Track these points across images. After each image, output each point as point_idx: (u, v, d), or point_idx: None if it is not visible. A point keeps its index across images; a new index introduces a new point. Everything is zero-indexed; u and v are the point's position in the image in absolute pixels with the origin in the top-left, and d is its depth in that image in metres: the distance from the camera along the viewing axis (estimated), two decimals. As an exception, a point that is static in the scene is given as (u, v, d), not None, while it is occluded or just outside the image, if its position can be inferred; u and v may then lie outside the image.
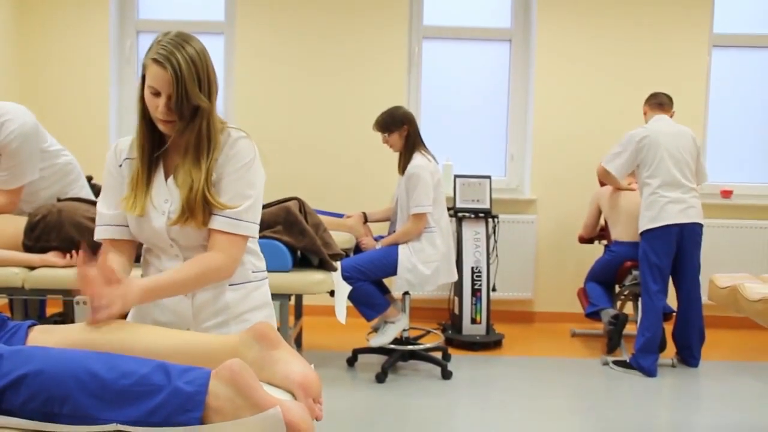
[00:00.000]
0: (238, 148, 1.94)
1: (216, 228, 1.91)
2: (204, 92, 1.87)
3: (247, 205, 1.93)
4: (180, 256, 1.97)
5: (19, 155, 3.22)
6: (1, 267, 3.05)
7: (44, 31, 5.51)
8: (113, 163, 2.02)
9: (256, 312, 2.04)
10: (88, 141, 5.33)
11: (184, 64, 1.83)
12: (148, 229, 1.95)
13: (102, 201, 2.02)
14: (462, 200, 5.01)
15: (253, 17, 5.47)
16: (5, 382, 1.39)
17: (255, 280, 2.06)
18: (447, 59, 5.69)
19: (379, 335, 4.27)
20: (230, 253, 1.92)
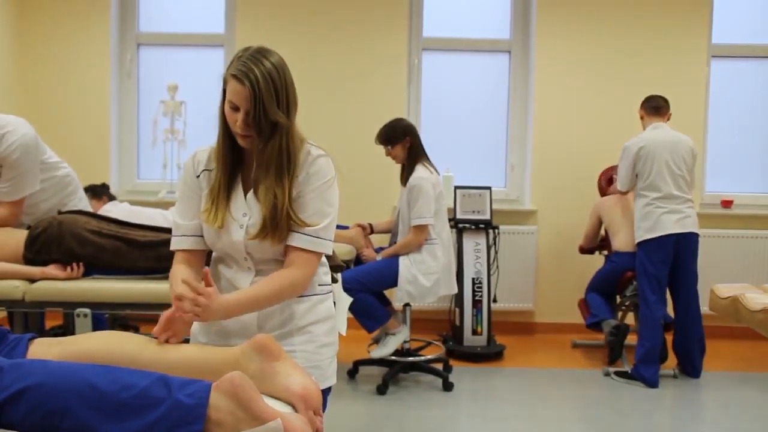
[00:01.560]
0: (318, 166, 1.97)
1: (295, 245, 1.93)
2: (282, 108, 1.91)
3: (326, 223, 1.96)
4: (252, 269, 1.99)
5: (20, 167, 3.23)
6: (2, 279, 3.05)
7: (45, 44, 5.53)
8: (191, 173, 2.03)
9: (320, 324, 2.05)
10: (88, 153, 5.35)
11: (262, 80, 1.87)
12: (226, 241, 1.97)
13: (178, 211, 2.04)
14: (462, 211, 5.01)
15: (253, 30, 5.49)
16: (5, 396, 1.39)
17: (321, 293, 2.07)
18: (447, 71, 5.71)
19: (380, 347, 4.27)
20: (307, 270, 1.94)
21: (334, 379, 2.11)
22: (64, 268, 3.07)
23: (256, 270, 1.99)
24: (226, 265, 2.04)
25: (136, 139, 5.76)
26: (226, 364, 1.63)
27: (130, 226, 3.18)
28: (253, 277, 1.99)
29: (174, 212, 2.07)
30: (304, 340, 2.00)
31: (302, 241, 1.93)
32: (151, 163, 5.71)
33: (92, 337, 1.77)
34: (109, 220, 3.23)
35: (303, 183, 1.96)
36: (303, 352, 2.00)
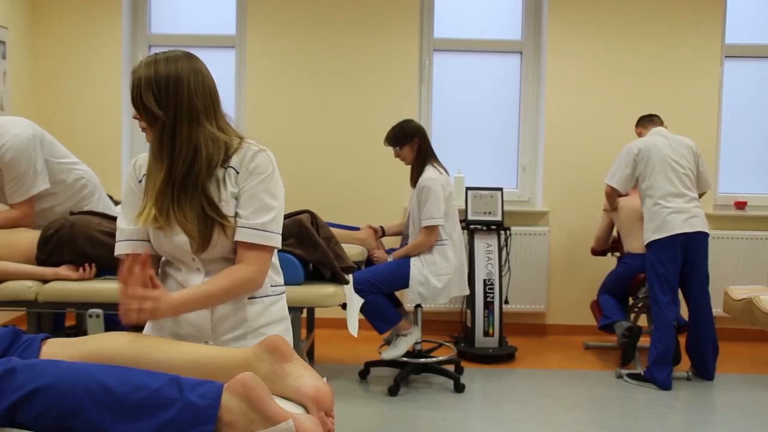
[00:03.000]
0: (258, 161, 1.96)
1: (243, 240, 1.92)
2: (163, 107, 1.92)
3: (272, 216, 1.95)
4: (202, 270, 1.97)
5: (17, 167, 3.23)
6: (15, 280, 3.07)
7: (58, 46, 5.56)
8: (133, 178, 2.03)
9: (274, 326, 2.04)
10: (100, 155, 5.36)
11: (144, 79, 1.92)
12: (168, 243, 1.95)
13: (122, 216, 2.03)
14: (474, 212, 5.00)
15: (264, 31, 5.50)
16: (18, 396, 1.39)
17: (273, 294, 2.06)
18: (458, 71, 5.70)
19: (392, 348, 4.26)
20: (258, 266, 1.93)
21: None
22: (76, 269, 3.08)
23: (205, 270, 1.98)
24: (175, 267, 2.03)
25: (148, 140, 5.77)
26: (237, 365, 1.63)
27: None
28: (203, 278, 1.97)
29: (118, 218, 2.05)
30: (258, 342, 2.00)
31: (250, 236, 1.92)
32: (163, 165, 5.71)
33: (104, 337, 1.78)
34: (121, 221, 3.23)
35: (244, 179, 1.95)
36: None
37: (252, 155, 1.96)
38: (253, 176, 1.95)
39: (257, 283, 1.96)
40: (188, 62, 1.95)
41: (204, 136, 1.93)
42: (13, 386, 1.41)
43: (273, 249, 1.98)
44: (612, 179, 4.56)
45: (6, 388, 1.41)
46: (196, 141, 1.91)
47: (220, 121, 1.98)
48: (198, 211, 1.91)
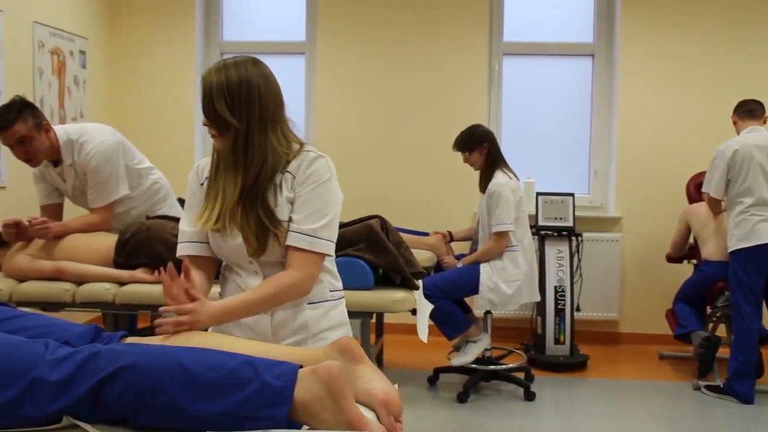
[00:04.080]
0: (315, 167, 1.96)
1: (293, 245, 1.93)
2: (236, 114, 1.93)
3: (324, 223, 1.95)
4: (260, 273, 1.99)
5: (102, 173, 3.35)
6: (94, 282, 3.16)
7: (134, 54, 5.72)
8: (195, 181, 2.07)
9: (334, 331, 2.05)
10: (174, 160, 5.46)
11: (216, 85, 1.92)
12: (227, 247, 1.97)
13: (184, 219, 2.07)
14: (544, 218, 4.92)
15: (334, 37, 5.54)
16: (102, 376, 1.45)
17: (332, 299, 2.07)
18: (528, 75, 5.63)
19: (461, 354, 4.23)
20: (306, 271, 1.93)
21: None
22: (151, 272, 3.16)
23: (264, 273, 1.98)
24: (235, 272, 2.04)
25: (221, 146, 5.87)
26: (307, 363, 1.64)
27: (216, 232, 3.24)
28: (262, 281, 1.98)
29: (181, 220, 2.09)
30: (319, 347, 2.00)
31: (300, 241, 1.93)
32: (235, 170, 5.81)
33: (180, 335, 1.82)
34: (196, 225, 3.29)
35: (300, 184, 1.95)
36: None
37: (310, 161, 1.97)
38: (309, 182, 1.95)
39: (304, 288, 1.96)
40: (257, 68, 1.96)
41: (272, 143, 1.95)
42: (98, 367, 1.46)
43: (323, 255, 1.98)
44: (709, 187, 4.36)
45: (92, 368, 1.46)
46: (265, 147, 1.94)
47: (284, 126, 2.00)
48: (257, 216, 1.92)
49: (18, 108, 3.19)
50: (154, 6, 5.66)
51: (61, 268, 3.17)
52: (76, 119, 5.13)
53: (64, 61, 5.02)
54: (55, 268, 3.17)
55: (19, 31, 4.51)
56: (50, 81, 4.85)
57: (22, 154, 3.27)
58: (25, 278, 3.21)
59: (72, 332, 1.74)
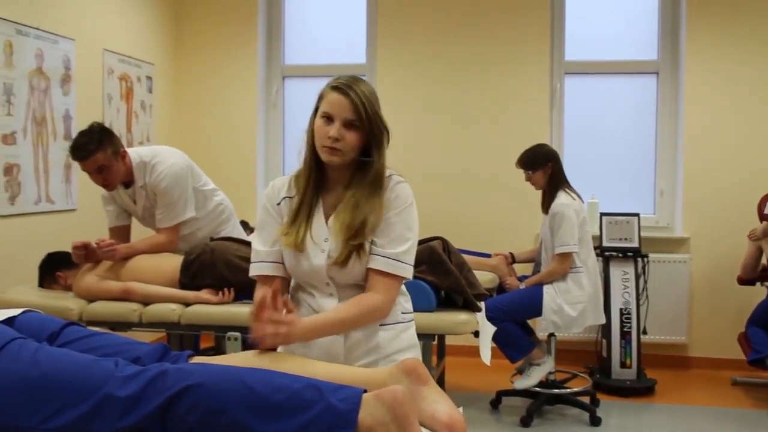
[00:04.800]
0: (399, 192, 1.98)
1: (376, 268, 1.93)
2: (382, 124, 1.96)
3: (407, 248, 1.96)
4: (335, 295, 1.99)
5: (171, 194, 3.43)
6: (160, 303, 3.21)
7: (199, 79, 5.84)
8: (271, 201, 2.07)
9: (405, 353, 2.04)
10: (237, 182, 5.55)
11: (366, 91, 1.94)
12: (307, 267, 1.97)
13: (257, 238, 2.07)
14: (609, 239, 4.83)
15: (394, 58, 5.56)
16: (170, 394, 1.47)
17: (404, 321, 2.07)
18: (590, 94, 5.55)
19: (524, 377, 4.17)
20: (388, 294, 1.94)
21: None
22: (216, 293, 3.20)
23: (339, 296, 1.98)
24: (307, 292, 2.04)
25: (282, 168, 5.95)
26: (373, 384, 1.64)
27: (278, 253, 3.26)
28: (336, 304, 1.98)
29: (254, 240, 2.08)
30: None
31: (384, 264, 1.93)
32: (296, 192, 5.86)
33: (246, 355, 1.84)
34: (258, 246, 3.32)
35: (384, 208, 1.96)
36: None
37: (394, 185, 1.98)
38: (393, 206, 1.96)
39: (385, 312, 1.96)
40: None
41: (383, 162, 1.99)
42: (166, 385, 1.49)
43: (403, 279, 1.98)
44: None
45: (160, 386, 1.49)
46: (382, 166, 1.98)
47: None
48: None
49: (98, 138, 3.27)
50: (218, 32, 5.78)
51: (129, 289, 3.23)
52: (143, 143, 5.27)
53: (131, 87, 5.16)
54: (123, 289, 3.24)
55: (91, 58, 4.66)
56: (118, 106, 5.00)
57: (100, 181, 3.37)
58: (94, 298, 3.28)
59: (141, 350, 1.77)
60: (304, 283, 2.04)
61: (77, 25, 4.50)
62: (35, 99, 4.12)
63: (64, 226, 4.33)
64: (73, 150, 3.30)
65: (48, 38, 4.21)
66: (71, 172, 4.39)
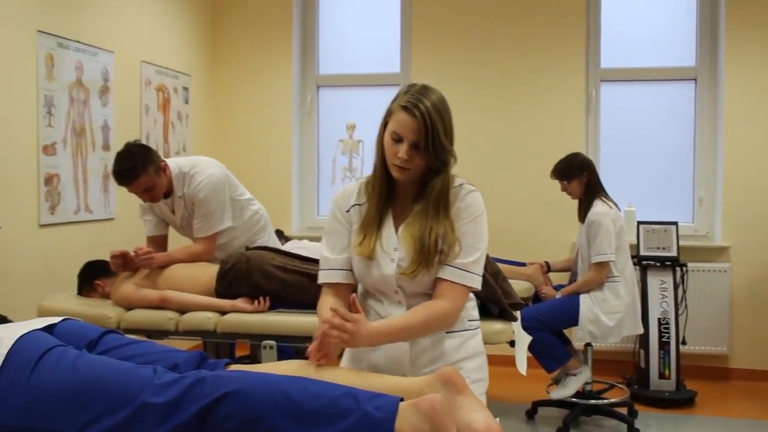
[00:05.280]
0: (470, 201, 1.99)
1: (445, 278, 1.93)
2: (449, 140, 1.94)
3: (476, 258, 1.96)
4: (403, 303, 2.00)
5: (209, 204, 3.46)
6: (196, 311, 3.24)
7: (234, 88, 5.90)
8: (341, 208, 2.08)
9: (471, 360, 2.05)
10: (271, 190, 5.59)
11: (434, 112, 1.89)
12: (377, 275, 1.99)
13: (326, 245, 2.08)
14: (646, 248, 4.76)
15: (428, 67, 5.56)
16: (208, 401, 1.48)
17: (470, 329, 2.08)
18: (627, 101, 5.49)
19: (561, 388, 4.13)
20: (456, 303, 1.94)
21: None
22: (251, 302, 3.21)
23: (407, 303, 1.99)
24: (376, 299, 2.05)
25: (316, 176, 5.98)
26: (410, 393, 1.64)
27: (313, 262, 3.27)
28: (404, 311, 1.98)
29: (322, 246, 2.09)
30: None
31: (452, 275, 1.93)
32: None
33: (281, 364, 1.84)
34: (293, 256, 3.34)
35: (455, 217, 1.96)
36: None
37: (465, 194, 1.99)
38: (464, 215, 1.97)
39: (452, 321, 1.96)
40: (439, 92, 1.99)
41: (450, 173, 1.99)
42: (203, 392, 1.50)
43: (471, 289, 1.98)
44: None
45: (198, 393, 1.50)
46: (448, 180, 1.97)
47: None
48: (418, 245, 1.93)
49: (141, 160, 3.30)
50: (253, 43, 5.84)
51: (166, 297, 3.26)
52: (179, 153, 5.33)
53: (168, 98, 5.23)
54: (160, 297, 3.27)
55: (128, 70, 4.73)
56: (155, 117, 5.06)
57: (147, 198, 3.42)
58: (131, 306, 3.32)
59: (179, 358, 1.79)
60: (372, 290, 2.05)
61: (116, 37, 4.58)
62: (75, 110, 4.19)
63: (102, 235, 4.39)
64: (118, 176, 3.34)
65: (87, 51, 4.29)
66: (109, 182, 4.45)
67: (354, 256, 2.00)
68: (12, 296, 3.64)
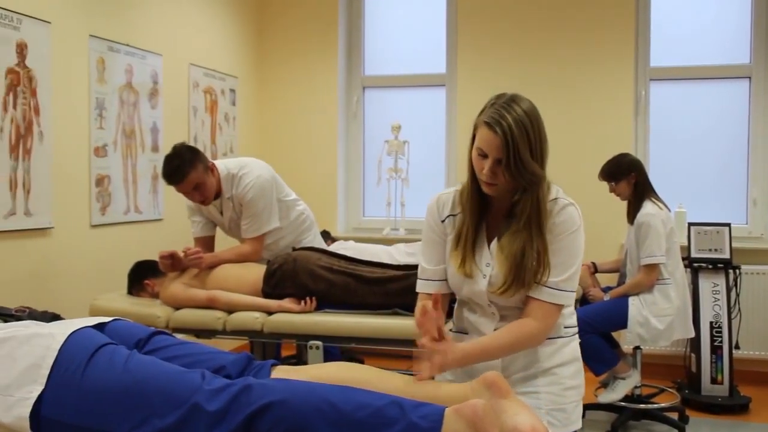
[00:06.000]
0: (564, 217, 1.92)
1: (535, 297, 1.91)
2: (536, 158, 1.86)
3: (568, 275, 1.92)
4: (496, 315, 2.00)
5: (257, 205, 3.49)
6: (244, 311, 3.26)
7: (280, 90, 5.94)
8: (435, 218, 2.07)
9: (565, 367, 2.02)
10: (317, 191, 5.62)
11: (516, 128, 1.82)
12: (469, 289, 1.99)
13: (423, 255, 2.08)
14: (698, 250, 4.66)
15: (474, 67, 5.53)
16: (253, 409, 1.48)
17: (566, 336, 2.04)
18: (677, 100, 5.38)
19: (608, 391, 4.06)
20: (546, 322, 1.92)
21: (579, 424, 2.03)
22: (298, 302, 3.22)
23: (500, 315, 1.98)
24: (471, 309, 2.05)
25: (362, 177, 5.99)
26: (455, 398, 1.63)
27: (359, 263, 3.28)
28: (497, 323, 1.98)
29: (420, 256, 2.09)
30: (548, 382, 1.97)
31: (543, 294, 1.90)
32: (376, 201, 5.90)
33: (330, 366, 1.85)
34: (339, 256, 3.35)
35: (548, 232, 1.91)
36: (548, 394, 1.97)
37: (560, 209, 1.93)
38: (557, 231, 1.92)
39: (541, 339, 1.94)
40: (526, 101, 1.91)
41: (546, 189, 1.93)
42: (249, 400, 1.50)
43: (563, 307, 1.95)
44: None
45: (244, 401, 1.50)
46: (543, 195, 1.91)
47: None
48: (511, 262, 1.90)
49: (189, 159, 3.36)
50: (300, 44, 5.87)
51: (214, 297, 3.29)
52: (226, 154, 5.38)
53: (216, 100, 5.29)
54: (208, 297, 3.30)
55: (177, 72, 4.80)
56: (203, 119, 5.12)
57: (197, 197, 3.46)
58: (180, 306, 3.35)
59: (226, 359, 1.79)
60: (467, 300, 2.06)
61: (164, 40, 4.64)
62: (125, 112, 4.26)
63: (151, 235, 4.46)
64: (168, 176, 3.39)
65: (137, 54, 4.36)
66: (158, 183, 4.52)
67: (449, 267, 2.00)
68: (65, 295, 3.72)
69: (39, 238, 3.63)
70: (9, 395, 1.61)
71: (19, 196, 3.48)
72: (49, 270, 3.69)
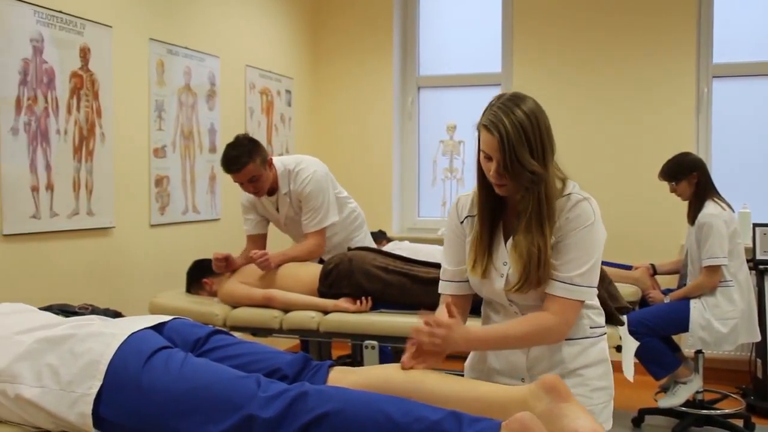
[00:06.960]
0: (578, 212, 1.90)
1: (551, 293, 1.90)
2: (537, 157, 1.84)
3: (585, 270, 1.89)
4: (519, 314, 1.99)
5: (315, 199, 3.52)
6: (300, 310, 3.28)
7: (335, 91, 5.97)
8: (455, 219, 2.09)
9: (592, 368, 1.99)
10: (373, 191, 5.63)
11: (512, 130, 1.82)
12: (488, 289, 2.00)
13: (445, 256, 2.10)
14: (763, 251, 4.51)
15: (530, 66, 5.47)
16: (309, 418, 1.49)
17: (592, 336, 2.02)
18: (741, 98, 5.23)
19: (669, 396, 3.98)
20: (564, 317, 1.89)
21: (609, 425, 2.02)
22: (354, 302, 3.23)
23: (522, 314, 1.97)
24: (494, 309, 2.06)
25: (417, 178, 5.98)
26: (514, 402, 1.63)
27: (414, 263, 3.27)
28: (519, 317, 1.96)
29: (442, 256, 2.11)
30: (574, 384, 1.93)
31: (558, 289, 1.88)
32: (431, 202, 5.89)
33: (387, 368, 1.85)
34: (395, 256, 3.35)
35: (562, 227, 1.89)
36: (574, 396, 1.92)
37: (573, 205, 1.91)
38: (570, 227, 1.90)
39: (559, 334, 1.92)
40: (529, 101, 1.89)
41: (554, 183, 1.91)
42: (305, 408, 1.51)
43: (582, 302, 1.92)
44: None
45: (299, 409, 1.51)
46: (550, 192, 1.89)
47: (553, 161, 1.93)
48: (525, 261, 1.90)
49: (249, 150, 3.41)
50: (354, 45, 5.89)
51: (270, 296, 3.32)
52: (282, 154, 5.43)
53: (272, 101, 5.34)
54: (265, 296, 3.33)
55: (234, 74, 4.86)
56: (259, 119, 5.18)
57: (251, 189, 3.50)
58: (237, 304, 3.39)
59: (283, 360, 1.80)
60: (490, 300, 2.07)
61: (221, 43, 4.71)
62: (183, 114, 4.34)
63: (208, 234, 4.53)
64: (226, 164, 3.44)
65: (195, 56, 4.43)
66: (215, 184, 4.59)
67: (469, 274, 2.02)
68: (125, 293, 3.81)
69: (101, 237, 3.72)
70: (72, 391, 1.64)
71: (82, 196, 3.57)
72: (110, 268, 3.78)
